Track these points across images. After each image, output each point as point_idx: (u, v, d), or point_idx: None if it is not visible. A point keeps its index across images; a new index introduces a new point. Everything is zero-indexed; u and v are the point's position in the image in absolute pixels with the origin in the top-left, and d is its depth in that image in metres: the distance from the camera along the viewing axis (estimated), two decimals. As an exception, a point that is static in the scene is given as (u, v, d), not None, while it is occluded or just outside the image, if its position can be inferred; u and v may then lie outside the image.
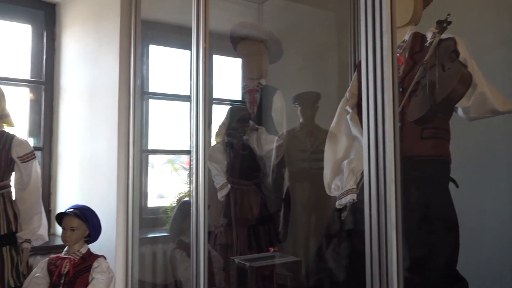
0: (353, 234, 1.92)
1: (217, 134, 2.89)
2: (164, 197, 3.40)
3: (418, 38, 1.88)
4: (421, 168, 1.76)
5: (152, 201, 3.26)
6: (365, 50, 1.38)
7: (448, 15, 1.67)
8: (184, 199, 3.06)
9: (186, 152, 3.16)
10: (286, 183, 2.85)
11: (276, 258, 2.57)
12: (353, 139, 2.01)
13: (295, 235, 2.82)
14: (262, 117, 2.94)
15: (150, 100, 3.25)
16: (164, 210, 3.18)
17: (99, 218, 2.27)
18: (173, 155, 3.48)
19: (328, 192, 2.04)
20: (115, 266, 2.47)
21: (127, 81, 2.59)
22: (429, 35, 1.78)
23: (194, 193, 2.10)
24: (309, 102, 2.77)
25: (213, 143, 2.89)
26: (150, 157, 3.32)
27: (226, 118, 2.89)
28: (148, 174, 3.22)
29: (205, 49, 2.08)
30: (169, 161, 3.47)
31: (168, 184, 3.47)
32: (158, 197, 3.40)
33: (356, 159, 1.94)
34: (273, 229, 2.86)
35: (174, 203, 3.17)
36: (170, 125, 3.34)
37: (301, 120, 2.80)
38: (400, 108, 1.69)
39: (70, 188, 3.09)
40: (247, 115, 2.89)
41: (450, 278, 1.75)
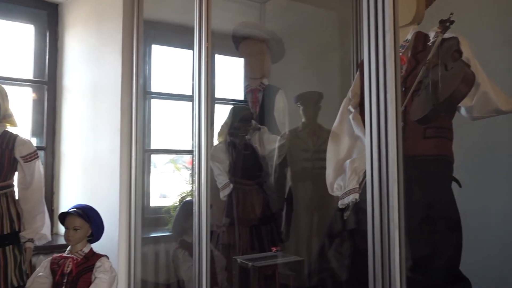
0: (355, 233, 1.91)
1: (220, 134, 2.89)
2: (167, 197, 3.40)
3: (420, 37, 1.87)
4: (424, 168, 1.76)
5: (155, 200, 3.26)
6: (367, 50, 1.38)
7: (451, 14, 1.66)
8: (187, 199, 3.06)
9: (189, 151, 3.15)
10: (289, 182, 2.84)
11: (279, 258, 2.57)
12: (355, 138, 2.00)
13: (298, 235, 2.82)
14: (264, 117, 2.94)
15: (153, 100, 3.25)
16: (167, 209, 3.18)
17: (101, 218, 2.28)
18: (175, 155, 3.48)
19: (330, 191, 2.04)
20: (118, 266, 2.48)
21: (130, 81, 2.59)
22: (431, 35, 1.77)
23: (196, 193, 2.10)
24: (311, 102, 2.77)
25: (216, 142, 2.89)
26: (153, 156, 3.32)
27: (229, 118, 2.89)
28: (151, 173, 3.23)
29: (207, 49, 2.09)
30: (171, 161, 3.47)
31: (170, 183, 3.47)
32: (161, 197, 3.41)
33: (359, 158, 1.94)
34: (275, 228, 2.85)
35: (177, 203, 3.17)
36: (173, 125, 3.34)
37: (303, 120, 2.79)
38: (403, 107, 1.69)
39: (73, 187, 3.09)
40: (249, 115, 2.89)
41: (453, 278, 1.74)
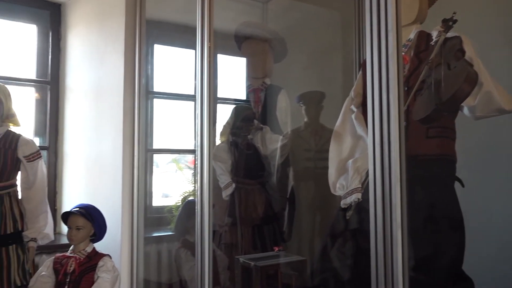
0: (358, 233, 1.91)
1: (222, 134, 2.90)
2: (169, 196, 3.40)
3: (423, 36, 1.87)
4: (426, 167, 1.75)
5: (157, 200, 3.26)
6: (370, 49, 1.37)
7: (453, 13, 1.66)
8: (189, 199, 3.06)
9: (191, 151, 3.16)
10: (291, 182, 2.84)
11: (281, 258, 2.57)
12: (358, 138, 2.00)
13: (300, 235, 2.82)
14: (266, 117, 2.94)
15: (155, 100, 3.26)
16: (169, 209, 3.18)
17: (104, 217, 2.28)
18: (177, 155, 3.48)
19: (333, 191, 2.04)
20: (120, 265, 2.48)
21: (132, 80, 2.59)
22: (434, 34, 1.77)
23: (198, 192, 2.10)
24: (313, 101, 2.77)
25: (218, 142, 2.89)
26: (155, 156, 3.33)
27: (231, 118, 2.89)
28: (153, 173, 3.23)
29: (209, 49, 2.08)
30: (173, 161, 3.48)
31: (172, 183, 3.47)
32: (163, 196, 3.41)
33: (361, 158, 1.93)
34: (277, 228, 2.85)
35: (179, 202, 3.18)
36: (175, 125, 3.34)
37: (305, 120, 2.79)
38: (405, 107, 1.68)
39: (76, 187, 3.10)
40: (251, 115, 2.89)
41: (456, 278, 1.74)
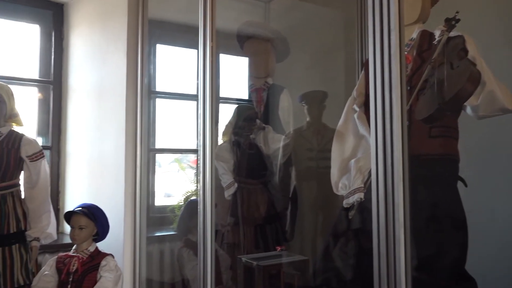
0: (360, 233, 1.91)
1: (224, 133, 2.90)
2: (171, 196, 3.41)
3: (426, 36, 1.87)
4: (429, 167, 1.75)
5: (159, 200, 3.27)
6: (372, 48, 1.37)
7: (456, 12, 1.65)
8: (191, 198, 3.06)
9: (193, 151, 3.16)
10: (293, 182, 2.84)
11: (283, 257, 2.57)
12: (360, 137, 2.00)
13: (302, 234, 2.81)
14: (269, 116, 2.94)
15: (157, 99, 3.26)
16: (171, 209, 3.19)
17: (107, 217, 2.28)
18: (180, 154, 3.49)
19: (335, 191, 2.04)
20: (123, 265, 2.48)
21: (135, 80, 2.60)
22: (437, 33, 1.76)
23: (201, 192, 2.10)
24: (316, 101, 2.76)
25: (220, 142, 2.89)
26: (157, 156, 3.33)
27: (233, 117, 2.89)
28: (155, 173, 3.24)
29: (212, 48, 2.09)
30: (176, 160, 3.48)
31: (175, 183, 3.47)
32: (165, 196, 3.41)
33: (364, 158, 1.93)
34: (280, 228, 2.85)
35: (181, 202, 3.18)
36: (177, 124, 3.35)
37: (308, 119, 2.79)
38: (408, 106, 1.68)
39: (78, 186, 3.11)
40: (254, 114, 2.89)
41: (459, 278, 1.74)
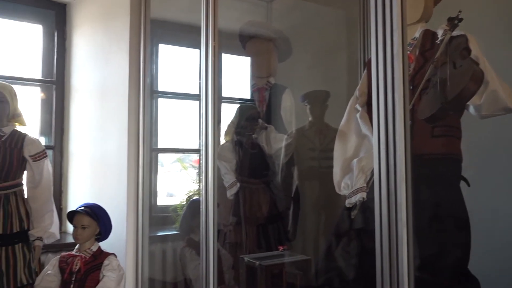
0: (363, 233, 1.90)
1: (226, 133, 2.90)
2: (174, 196, 3.41)
3: (428, 35, 1.86)
4: (432, 167, 1.75)
5: (162, 199, 3.27)
6: (375, 48, 1.37)
7: (459, 12, 1.65)
8: (194, 198, 3.07)
9: (195, 150, 3.16)
10: (295, 181, 2.84)
11: (286, 257, 2.57)
12: (362, 137, 1.99)
13: (305, 234, 2.81)
14: (271, 116, 2.94)
15: (160, 99, 3.26)
16: (174, 208, 3.19)
17: (109, 216, 2.29)
18: (182, 154, 3.49)
19: (337, 190, 2.03)
20: (126, 264, 2.49)
21: (137, 80, 2.60)
22: (440, 33, 1.76)
23: (203, 192, 2.10)
24: (318, 101, 2.76)
25: (222, 141, 2.89)
26: (160, 155, 3.33)
27: (235, 117, 2.89)
28: (158, 172, 3.24)
29: (214, 48, 2.09)
30: (178, 160, 3.48)
31: (177, 182, 3.48)
32: (168, 196, 3.42)
33: (366, 157, 1.93)
34: (282, 227, 2.85)
35: (184, 202, 3.18)
36: (180, 124, 3.35)
37: (310, 119, 2.79)
38: (411, 106, 1.67)
39: (81, 186, 3.11)
40: (256, 114, 2.89)
41: (462, 277, 1.73)
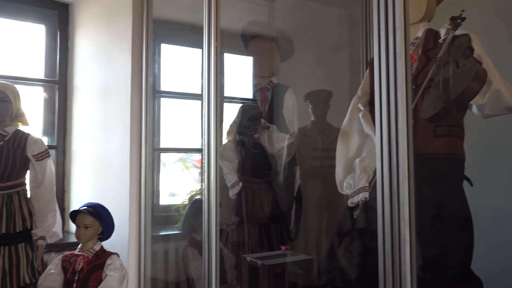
0: (365, 232, 1.90)
1: (229, 133, 2.90)
2: (176, 195, 3.41)
3: (431, 34, 1.86)
4: (434, 166, 1.74)
5: (164, 199, 3.27)
6: (377, 47, 1.36)
7: (462, 11, 1.65)
8: (196, 197, 3.07)
9: (198, 150, 3.17)
10: (298, 181, 2.84)
11: (288, 256, 2.57)
12: (365, 137, 1.99)
13: (307, 234, 2.81)
14: (273, 115, 2.94)
15: (162, 99, 3.26)
16: (176, 208, 3.19)
17: (112, 216, 2.29)
18: (184, 154, 3.49)
19: (340, 190, 2.03)
20: (128, 263, 2.49)
21: (139, 80, 2.60)
22: (442, 32, 1.75)
23: (205, 191, 2.10)
24: (320, 100, 2.76)
25: (225, 141, 2.89)
26: (162, 155, 3.34)
27: (238, 116, 2.89)
28: (160, 172, 3.24)
29: (216, 48, 2.09)
30: (180, 159, 3.49)
31: (179, 182, 3.48)
32: (170, 195, 3.42)
33: (368, 157, 1.93)
34: (284, 227, 2.85)
35: (186, 201, 3.18)
36: (182, 124, 3.35)
37: (312, 118, 2.79)
38: (413, 105, 1.67)
39: (84, 186, 3.12)
40: (258, 113, 2.89)
41: (464, 277, 1.73)
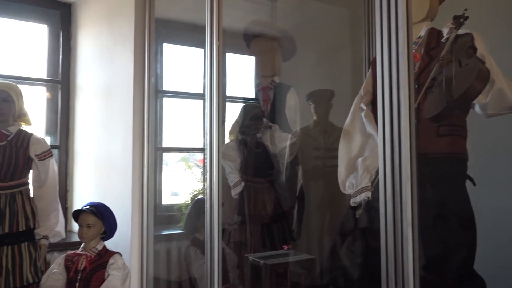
0: (367, 232, 1.90)
1: (231, 132, 2.90)
2: (178, 195, 3.42)
3: (434, 34, 1.85)
4: (437, 166, 1.74)
5: (167, 198, 3.28)
6: (380, 47, 1.36)
7: (465, 10, 1.64)
8: (198, 197, 3.07)
9: (200, 150, 3.17)
10: (300, 180, 2.84)
11: (290, 256, 2.57)
12: (367, 136, 1.99)
13: (309, 233, 2.81)
14: (275, 115, 2.94)
15: (164, 99, 3.27)
16: (178, 207, 3.20)
17: (114, 215, 2.30)
18: (187, 153, 3.49)
19: (342, 190, 2.03)
20: (131, 263, 2.50)
21: (142, 79, 2.60)
22: (445, 31, 1.75)
23: (208, 191, 2.10)
24: (323, 100, 2.76)
25: (227, 141, 2.90)
26: (164, 155, 3.34)
27: (240, 116, 2.89)
28: (162, 171, 3.25)
29: (218, 47, 2.09)
30: (183, 159, 3.49)
31: (182, 181, 3.48)
32: (172, 195, 3.42)
33: (371, 156, 1.92)
34: (286, 226, 2.85)
35: (188, 201, 3.19)
36: (184, 123, 3.35)
37: (314, 118, 2.78)
38: (416, 105, 1.67)
39: (86, 185, 3.12)
40: (260, 113, 2.89)
41: (467, 277, 1.72)
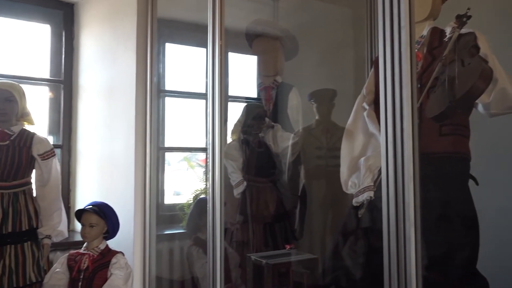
0: (370, 232, 1.90)
1: (233, 132, 2.90)
2: (181, 194, 3.42)
3: (436, 33, 1.85)
4: (440, 165, 1.73)
5: (169, 198, 3.28)
6: (382, 46, 1.36)
7: (467, 9, 1.64)
8: (201, 196, 3.07)
9: (202, 149, 3.17)
10: (302, 180, 2.84)
11: (292, 256, 2.57)
12: (370, 136, 1.99)
13: (312, 233, 2.81)
14: (278, 114, 2.93)
15: (167, 98, 3.27)
16: (181, 207, 3.20)
17: (117, 215, 2.30)
18: (189, 153, 3.50)
19: (344, 189, 2.03)
20: (133, 262, 2.50)
21: (144, 79, 2.61)
22: (448, 30, 1.74)
23: (210, 190, 2.10)
24: (325, 99, 2.76)
25: (229, 140, 2.90)
26: (167, 154, 3.35)
27: (242, 116, 2.89)
28: (165, 171, 3.25)
29: (220, 47, 2.09)
30: (185, 159, 3.49)
31: (184, 181, 3.49)
32: (175, 194, 3.43)
33: (373, 156, 1.92)
34: (289, 226, 2.85)
35: (191, 200, 3.19)
36: (186, 123, 3.36)
37: (317, 117, 2.78)
38: (419, 104, 1.66)
39: (89, 185, 3.13)
40: (262, 113, 2.89)
41: (470, 277, 1.72)
